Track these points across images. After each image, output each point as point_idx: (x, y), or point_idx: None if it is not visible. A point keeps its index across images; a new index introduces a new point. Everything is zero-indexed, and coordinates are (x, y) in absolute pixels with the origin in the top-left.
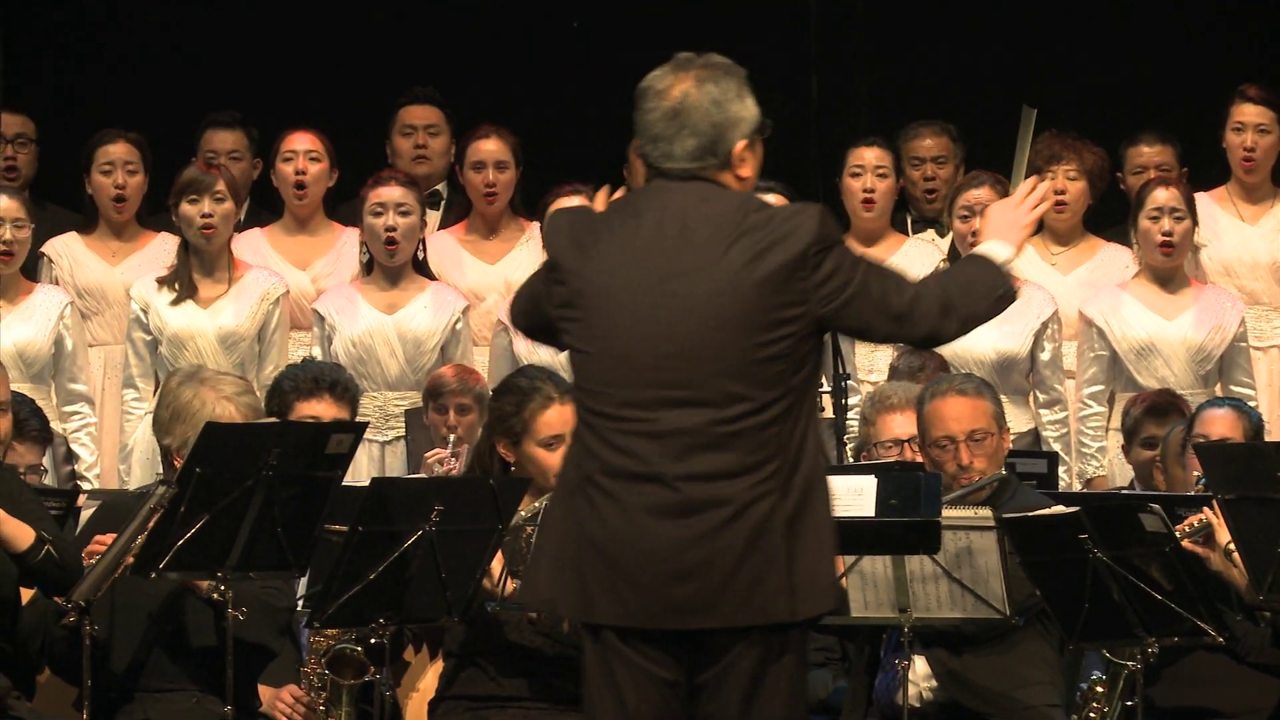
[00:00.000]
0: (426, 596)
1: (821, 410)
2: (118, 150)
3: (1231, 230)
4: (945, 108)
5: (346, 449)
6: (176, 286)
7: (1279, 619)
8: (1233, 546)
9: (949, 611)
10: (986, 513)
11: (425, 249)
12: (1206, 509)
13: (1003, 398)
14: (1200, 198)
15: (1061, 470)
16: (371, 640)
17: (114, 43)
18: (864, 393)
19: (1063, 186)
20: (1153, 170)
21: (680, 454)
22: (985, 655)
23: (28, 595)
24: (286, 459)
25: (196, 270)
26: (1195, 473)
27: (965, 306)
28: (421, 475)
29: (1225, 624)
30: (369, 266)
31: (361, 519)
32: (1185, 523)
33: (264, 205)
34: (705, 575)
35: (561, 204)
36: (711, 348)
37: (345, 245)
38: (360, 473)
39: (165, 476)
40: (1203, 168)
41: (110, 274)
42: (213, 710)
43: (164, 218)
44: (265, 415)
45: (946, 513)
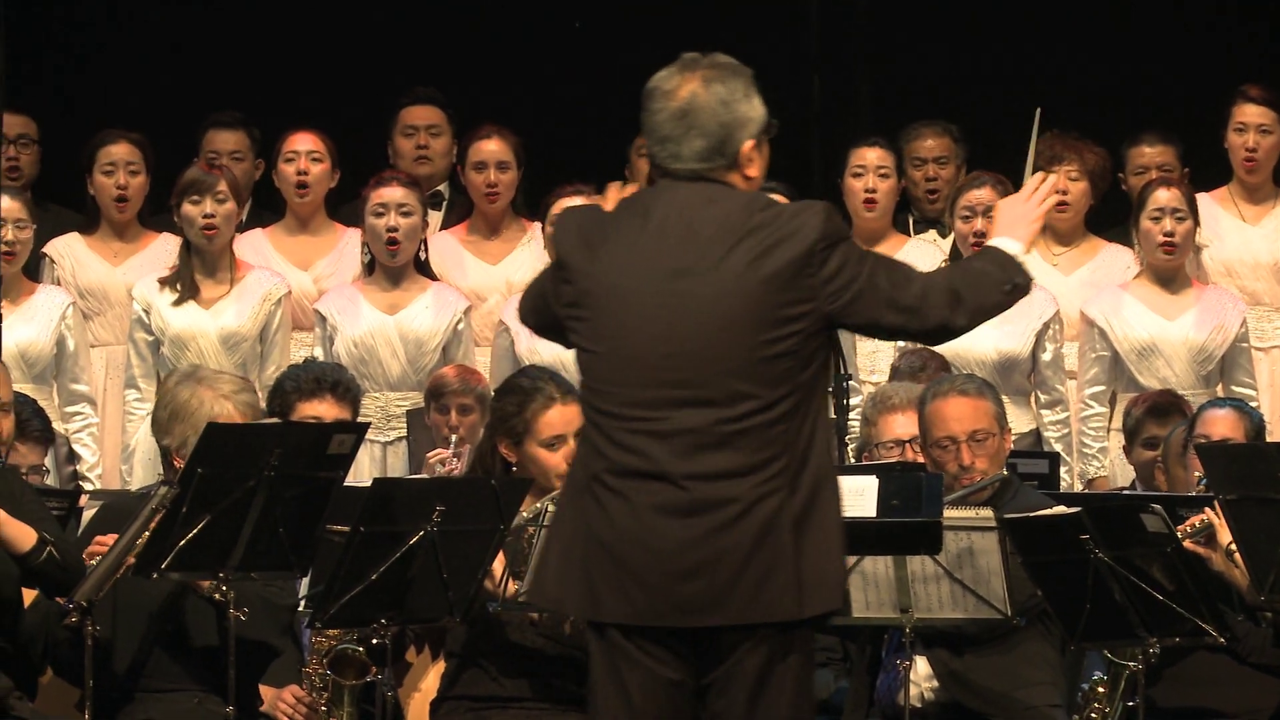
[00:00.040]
0: (428, 597)
1: None
2: (120, 151)
3: (1233, 231)
4: (947, 108)
5: (348, 449)
6: (178, 287)
7: None
8: (1234, 547)
9: (950, 612)
10: (988, 513)
11: (427, 249)
12: (1208, 509)
13: (1004, 398)
14: (1202, 198)
15: (1063, 471)
16: (373, 640)
17: (116, 43)
18: (865, 393)
19: (1064, 187)
20: (1154, 170)
21: (687, 453)
22: (987, 656)
23: (30, 596)
24: (288, 459)
25: (198, 271)
26: (1197, 473)
27: (975, 298)
28: (423, 475)
29: (1227, 624)
30: (370, 267)
31: (363, 519)
32: (1187, 523)
33: (266, 206)
34: (712, 573)
35: (563, 204)
36: (718, 347)
37: (347, 246)
38: (362, 473)
39: (165, 477)
40: (1204, 168)
41: (112, 274)
42: (215, 711)
43: (166, 218)
44: (266, 415)
45: (948, 513)
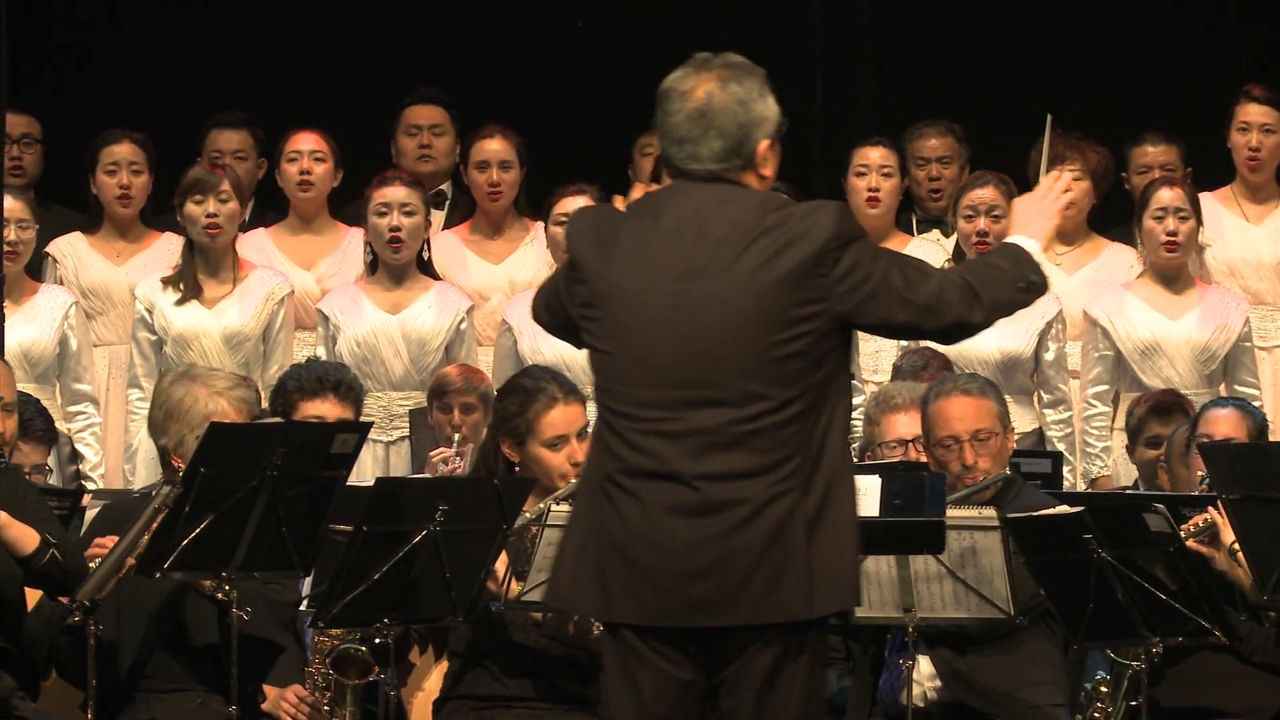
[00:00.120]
0: (431, 596)
1: None
2: (122, 150)
3: (1236, 230)
4: (950, 108)
5: (351, 449)
6: (181, 286)
7: None
8: (1237, 546)
9: (953, 611)
10: (991, 512)
11: (430, 249)
12: (1211, 509)
13: (1007, 397)
14: (1205, 198)
15: (1066, 470)
16: (376, 640)
17: (119, 43)
18: (868, 393)
19: (1068, 186)
20: (1157, 170)
21: (699, 453)
22: (989, 655)
23: (33, 598)
24: (291, 459)
25: (201, 270)
26: (1199, 473)
27: (992, 295)
28: (426, 475)
29: (1229, 624)
30: (373, 266)
31: (366, 519)
32: (1190, 522)
33: (269, 205)
34: (723, 573)
35: (566, 204)
36: (730, 347)
37: (350, 245)
38: (365, 473)
39: (165, 476)
40: (1207, 168)
41: (115, 274)
42: (217, 710)
43: (169, 218)
44: (268, 414)
45: (951, 512)
